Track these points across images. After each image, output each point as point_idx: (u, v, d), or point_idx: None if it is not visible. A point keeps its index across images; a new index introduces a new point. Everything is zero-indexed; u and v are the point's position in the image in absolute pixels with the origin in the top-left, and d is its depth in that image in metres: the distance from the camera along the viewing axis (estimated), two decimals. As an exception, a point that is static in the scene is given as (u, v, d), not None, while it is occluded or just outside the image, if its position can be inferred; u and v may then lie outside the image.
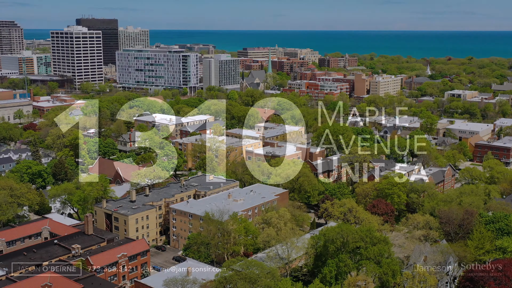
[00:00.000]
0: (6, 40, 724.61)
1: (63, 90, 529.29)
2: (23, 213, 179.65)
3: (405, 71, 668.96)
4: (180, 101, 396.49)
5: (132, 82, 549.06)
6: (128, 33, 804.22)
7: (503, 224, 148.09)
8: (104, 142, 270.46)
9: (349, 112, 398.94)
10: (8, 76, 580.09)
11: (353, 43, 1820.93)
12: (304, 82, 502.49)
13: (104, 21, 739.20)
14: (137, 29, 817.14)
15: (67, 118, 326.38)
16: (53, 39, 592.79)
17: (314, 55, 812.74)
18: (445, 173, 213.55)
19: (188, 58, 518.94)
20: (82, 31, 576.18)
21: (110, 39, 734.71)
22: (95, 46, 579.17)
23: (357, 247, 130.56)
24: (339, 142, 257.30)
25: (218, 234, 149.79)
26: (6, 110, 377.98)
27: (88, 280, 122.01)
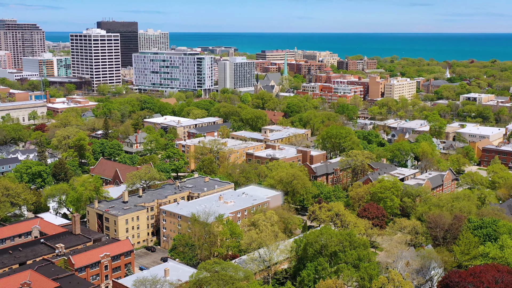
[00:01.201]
0: (28, 43, 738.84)
1: (80, 92, 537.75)
2: (20, 212, 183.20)
3: (424, 74, 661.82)
4: (191, 103, 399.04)
5: (148, 84, 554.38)
6: (148, 35, 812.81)
7: (490, 230, 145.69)
8: (110, 143, 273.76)
9: (358, 115, 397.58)
10: (28, 77, 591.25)
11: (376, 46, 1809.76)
12: (318, 85, 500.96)
13: (124, 24, 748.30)
14: (157, 32, 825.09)
15: (78, 120, 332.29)
16: (73, 42, 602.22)
17: (333, 58, 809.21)
18: (444, 177, 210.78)
19: (202, 60, 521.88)
20: (101, 33, 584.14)
21: (130, 42, 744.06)
22: (113, 48, 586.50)
23: (337, 251, 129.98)
24: (341, 145, 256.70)
25: (203, 235, 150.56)
26: (21, 111, 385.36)
27: (66, 279, 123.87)
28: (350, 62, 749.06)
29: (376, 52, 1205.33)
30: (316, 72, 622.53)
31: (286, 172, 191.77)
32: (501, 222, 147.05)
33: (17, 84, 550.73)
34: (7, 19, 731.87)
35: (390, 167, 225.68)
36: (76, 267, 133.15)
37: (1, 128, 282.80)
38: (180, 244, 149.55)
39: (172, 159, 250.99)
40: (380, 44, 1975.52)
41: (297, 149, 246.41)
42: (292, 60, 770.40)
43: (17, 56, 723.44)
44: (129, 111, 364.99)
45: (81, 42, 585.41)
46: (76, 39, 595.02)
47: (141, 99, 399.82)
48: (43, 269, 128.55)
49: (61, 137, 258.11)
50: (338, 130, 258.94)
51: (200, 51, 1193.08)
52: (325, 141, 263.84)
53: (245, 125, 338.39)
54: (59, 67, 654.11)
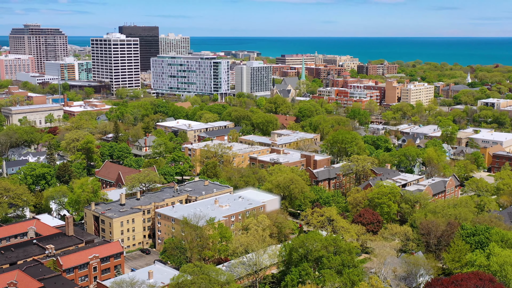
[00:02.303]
0: (51, 47, 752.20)
1: (99, 96, 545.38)
2: (21, 213, 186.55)
3: (444, 79, 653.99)
4: (204, 107, 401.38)
5: (165, 88, 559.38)
6: (169, 40, 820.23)
7: (482, 237, 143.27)
8: (118, 146, 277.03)
9: (371, 120, 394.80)
10: (50, 81, 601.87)
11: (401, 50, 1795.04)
12: (334, 89, 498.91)
13: (145, 29, 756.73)
14: (178, 36, 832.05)
15: (90, 123, 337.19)
16: (93, 46, 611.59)
17: (354, 62, 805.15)
18: (446, 183, 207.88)
19: (219, 65, 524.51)
20: (120, 38, 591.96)
21: (151, 46, 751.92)
22: (132, 52, 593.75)
23: (321, 256, 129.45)
24: (347, 150, 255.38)
25: (194, 238, 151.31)
26: (38, 114, 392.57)
27: (52, 280, 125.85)
28: (370, 66, 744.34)
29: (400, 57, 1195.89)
30: (333, 76, 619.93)
31: (284, 176, 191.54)
32: (494, 230, 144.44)
33: (39, 87, 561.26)
34: (31, 24, 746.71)
35: (394, 173, 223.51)
36: (64, 268, 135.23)
37: (14, 131, 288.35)
38: (169, 247, 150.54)
39: (177, 162, 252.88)
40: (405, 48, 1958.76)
41: (301, 154, 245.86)
42: (311, 65, 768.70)
43: (40, 60, 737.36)
44: (142, 115, 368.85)
45: (101, 47, 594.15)
46: (96, 44, 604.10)
47: (155, 103, 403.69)
48: (31, 269, 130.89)
49: (69, 140, 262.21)
50: (344, 135, 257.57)
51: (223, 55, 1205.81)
52: (332, 146, 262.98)
53: (256, 129, 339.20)
54: (80, 71, 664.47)
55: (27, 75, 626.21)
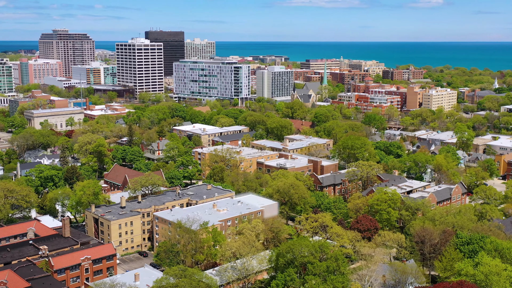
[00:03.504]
0: (78, 52, 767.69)
1: (122, 100, 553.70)
2: (25, 214, 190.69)
3: (470, 84, 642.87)
4: (221, 112, 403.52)
5: (187, 93, 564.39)
6: (195, 45, 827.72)
7: (476, 246, 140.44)
8: (131, 150, 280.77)
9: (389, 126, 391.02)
10: (76, 85, 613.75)
11: (433, 55, 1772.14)
12: (354, 94, 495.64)
13: (171, 33, 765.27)
14: (204, 41, 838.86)
15: (107, 126, 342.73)
16: (118, 51, 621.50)
17: (379, 67, 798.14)
18: (452, 190, 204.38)
19: (240, 69, 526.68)
20: (144, 43, 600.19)
21: (176, 51, 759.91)
22: (156, 57, 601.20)
23: (306, 262, 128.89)
24: (356, 156, 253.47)
25: (186, 242, 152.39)
26: (59, 117, 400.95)
27: (40, 280, 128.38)
28: (396, 71, 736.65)
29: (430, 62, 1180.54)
30: (355, 81, 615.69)
31: (284, 182, 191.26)
32: (489, 239, 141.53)
33: (65, 91, 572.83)
34: (59, 29, 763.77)
35: (400, 179, 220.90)
36: (55, 269, 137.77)
37: (30, 134, 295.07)
38: (162, 250, 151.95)
39: (186, 166, 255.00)
40: (437, 53, 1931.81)
41: (308, 159, 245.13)
42: (336, 70, 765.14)
43: (68, 65, 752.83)
44: (159, 119, 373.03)
45: (126, 51, 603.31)
46: (121, 48, 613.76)
47: (173, 107, 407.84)
48: (23, 269, 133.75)
49: (82, 143, 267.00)
50: (354, 141, 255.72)
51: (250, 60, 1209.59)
52: (341, 151, 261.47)
53: (271, 134, 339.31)
54: (105, 75, 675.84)
55: (54, 79, 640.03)
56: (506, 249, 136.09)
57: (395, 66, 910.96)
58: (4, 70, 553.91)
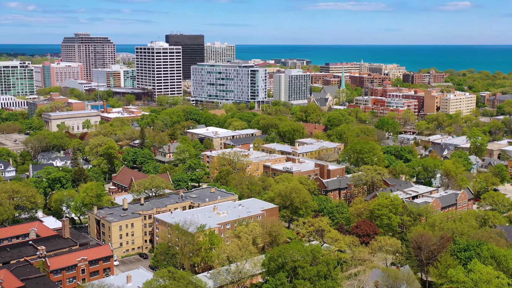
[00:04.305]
0: (100, 55, 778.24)
1: (140, 102, 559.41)
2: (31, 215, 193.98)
3: (492, 88, 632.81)
4: (235, 115, 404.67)
5: (204, 96, 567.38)
6: (215, 48, 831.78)
7: (473, 253, 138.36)
8: (142, 152, 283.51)
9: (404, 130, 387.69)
10: (96, 88, 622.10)
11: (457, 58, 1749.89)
12: (370, 98, 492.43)
13: (191, 37, 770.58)
14: (224, 44, 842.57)
15: (120, 129, 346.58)
16: (138, 54, 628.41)
17: (400, 71, 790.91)
18: (458, 196, 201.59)
19: (256, 73, 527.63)
20: (163, 46, 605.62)
21: (196, 54, 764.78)
22: (175, 60, 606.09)
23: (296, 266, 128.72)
24: (364, 160, 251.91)
25: (183, 244, 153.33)
26: (76, 120, 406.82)
27: (35, 280, 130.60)
28: (416, 75, 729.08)
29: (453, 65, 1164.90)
30: (372, 85, 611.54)
31: (286, 185, 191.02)
32: (486, 246, 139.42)
33: (85, 94, 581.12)
34: (81, 33, 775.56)
35: (406, 184, 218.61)
36: (51, 269, 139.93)
37: (44, 136, 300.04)
38: (159, 253, 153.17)
39: (194, 169, 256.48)
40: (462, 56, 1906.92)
41: (315, 163, 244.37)
42: (355, 73, 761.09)
43: (89, 68, 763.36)
44: (172, 122, 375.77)
45: (145, 55, 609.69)
46: (141, 52, 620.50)
47: (187, 110, 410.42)
48: (19, 269, 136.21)
49: (93, 145, 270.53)
50: (362, 145, 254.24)
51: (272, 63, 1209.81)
52: (350, 155, 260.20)
53: (283, 137, 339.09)
54: (125, 78, 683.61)
55: (75, 82, 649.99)
56: (502, 256, 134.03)
57: (417, 69, 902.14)
58: (26, 73, 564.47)
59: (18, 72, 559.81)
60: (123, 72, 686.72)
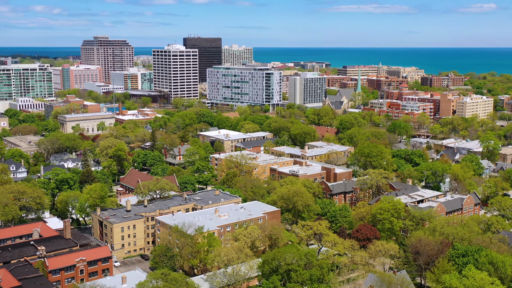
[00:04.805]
0: (118, 58, 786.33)
1: (156, 105, 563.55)
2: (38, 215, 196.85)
3: (510, 92, 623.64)
4: (248, 118, 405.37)
5: (220, 98, 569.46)
6: (232, 51, 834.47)
7: (471, 259, 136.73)
8: (152, 154, 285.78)
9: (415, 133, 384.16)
10: (114, 90, 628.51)
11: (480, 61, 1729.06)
12: (385, 101, 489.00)
13: (209, 40, 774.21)
14: (241, 47, 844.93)
15: (132, 131, 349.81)
16: (155, 57, 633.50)
17: (418, 74, 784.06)
18: (463, 201, 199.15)
19: (271, 75, 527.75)
20: (180, 49, 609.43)
21: (214, 57, 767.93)
22: (191, 63, 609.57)
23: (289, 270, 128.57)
24: (372, 163, 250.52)
25: (182, 245, 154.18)
26: (90, 122, 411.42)
27: (32, 280, 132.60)
28: (435, 78, 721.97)
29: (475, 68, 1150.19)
30: (388, 88, 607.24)
31: (289, 188, 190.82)
32: (485, 252, 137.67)
33: (102, 96, 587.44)
34: (100, 36, 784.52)
35: (412, 188, 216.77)
36: (50, 269, 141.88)
37: (57, 138, 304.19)
38: (157, 254, 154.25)
39: (202, 171, 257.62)
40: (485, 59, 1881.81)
41: (322, 166, 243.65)
42: (373, 76, 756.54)
43: (107, 70, 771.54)
44: (185, 124, 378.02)
45: (162, 57, 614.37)
46: (158, 54, 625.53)
47: (200, 112, 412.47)
48: (18, 269, 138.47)
49: (103, 147, 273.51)
50: (371, 149, 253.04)
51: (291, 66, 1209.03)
52: (358, 159, 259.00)
53: (294, 140, 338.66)
54: (143, 81, 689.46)
55: (94, 84, 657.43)
56: (500, 262, 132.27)
57: (437, 72, 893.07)
58: (44, 76, 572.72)
59: (37, 74, 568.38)
60: (141, 74, 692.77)
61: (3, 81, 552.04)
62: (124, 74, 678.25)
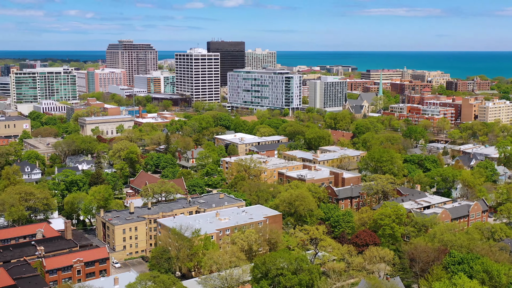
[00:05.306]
0: (142, 62, 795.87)
1: (177, 108, 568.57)
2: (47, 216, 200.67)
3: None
4: (264, 121, 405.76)
5: (240, 102, 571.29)
6: (256, 54, 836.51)
7: (466, 267, 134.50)
8: (165, 157, 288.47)
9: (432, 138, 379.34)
10: (137, 94, 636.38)
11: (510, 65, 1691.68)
12: (406, 106, 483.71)
13: (232, 44, 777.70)
14: (265, 51, 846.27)
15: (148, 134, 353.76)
16: (177, 60, 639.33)
17: (443, 78, 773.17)
18: (470, 208, 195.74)
19: (291, 79, 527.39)
20: (202, 53, 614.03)
21: (237, 61, 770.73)
22: (213, 67, 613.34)
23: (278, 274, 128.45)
24: (382, 168, 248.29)
25: (179, 248, 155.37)
26: (110, 124, 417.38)
27: (27, 280, 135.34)
28: (460, 82, 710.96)
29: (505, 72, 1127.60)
30: (410, 92, 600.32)
31: (291, 193, 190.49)
32: (481, 260, 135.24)
33: (125, 99, 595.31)
34: (125, 40, 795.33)
35: (419, 194, 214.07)
36: (47, 269, 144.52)
37: (73, 140, 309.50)
38: (153, 256, 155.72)
39: (211, 175, 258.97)
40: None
41: (330, 171, 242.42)
42: (397, 80, 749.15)
43: (131, 74, 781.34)
44: (201, 127, 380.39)
45: (184, 61, 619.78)
46: (180, 58, 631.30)
47: (217, 116, 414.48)
48: (16, 268, 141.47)
49: (115, 150, 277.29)
50: (381, 153, 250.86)
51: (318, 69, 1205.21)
52: (368, 164, 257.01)
53: (309, 144, 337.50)
54: (165, 84, 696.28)
55: (117, 87, 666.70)
56: (495, 271, 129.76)
57: (465, 76, 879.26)
58: (69, 79, 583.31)
59: (61, 78, 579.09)
60: (163, 78, 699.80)
61: (29, 84, 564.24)
62: (147, 77, 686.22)
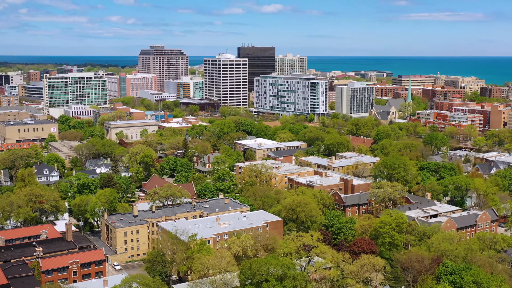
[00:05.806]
0: (173, 67, 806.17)
1: (204, 113, 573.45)
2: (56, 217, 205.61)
3: None
4: (286, 127, 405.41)
5: (266, 107, 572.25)
6: (286, 60, 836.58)
7: (457, 277, 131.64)
8: (181, 161, 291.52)
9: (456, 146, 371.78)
10: (166, 98, 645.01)
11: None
12: (433, 112, 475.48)
13: (262, 49, 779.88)
14: (296, 56, 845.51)
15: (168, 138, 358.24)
16: (206, 66, 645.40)
17: (477, 84, 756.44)
18: (478, 217, 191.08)
19: (317, 85, 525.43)
20: (230, 58, 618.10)
21: (267, 66, 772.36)
22: (241, 72, 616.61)
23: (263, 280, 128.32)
24: (395, 175, 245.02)
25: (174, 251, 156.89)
26: (134, 129, 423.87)
27: (21, 279, 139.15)
28: (494, 88, 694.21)
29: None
30: (439, 98, 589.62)
31: (293, 199, 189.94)
32: (473, 271, 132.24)
33: (154, 104, 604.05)
34: (156, 45, 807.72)
35: (428, 202, 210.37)
36: (43, 270, 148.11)
37: (93, 143, 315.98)
38: (148, 259, 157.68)
39: (223, 180, 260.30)
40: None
41: (340, 177, 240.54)
42: (429, 86, 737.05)
43: (162, 79, 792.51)
44: (222, 132, 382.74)
45: (213, 66, 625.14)
46: (209, 63, 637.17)
47: (239, 121, 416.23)
48: (13, 268, 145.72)
49: (132, 154, 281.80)
50: (394, 160, 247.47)
51: (352, 75, 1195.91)
52: (381, 171, 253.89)
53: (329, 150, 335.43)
54: (195, 89, 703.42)
55: (147, 92, 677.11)
56: (485, 283, 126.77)
57: (502, 82, 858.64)
58: (99, 84, 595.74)
59: (92, 82, 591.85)
60: (193, 83, 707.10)
61: (61, 89, 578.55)
62: (176, 82, 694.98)
